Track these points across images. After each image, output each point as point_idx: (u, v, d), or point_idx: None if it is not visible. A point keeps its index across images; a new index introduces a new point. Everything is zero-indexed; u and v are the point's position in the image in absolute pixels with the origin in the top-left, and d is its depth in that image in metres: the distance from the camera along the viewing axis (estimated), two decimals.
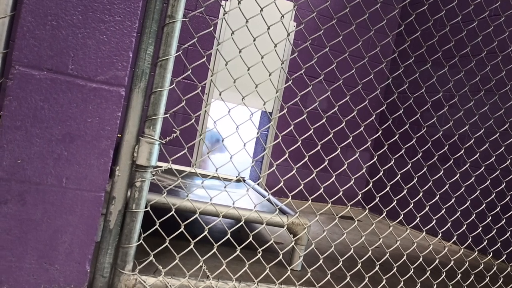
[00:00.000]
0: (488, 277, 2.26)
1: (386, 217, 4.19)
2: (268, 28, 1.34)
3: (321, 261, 1.59)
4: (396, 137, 1.58)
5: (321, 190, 1.42)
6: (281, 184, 1.32)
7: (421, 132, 1.64)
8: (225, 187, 1.29)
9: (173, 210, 1.39)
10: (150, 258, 1.35)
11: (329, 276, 1.59)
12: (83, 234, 1.21)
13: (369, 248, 2.15)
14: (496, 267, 2.72)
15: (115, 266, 1.31)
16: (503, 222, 2.23)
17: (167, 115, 1.26)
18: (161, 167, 3.08)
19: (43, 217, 1.17)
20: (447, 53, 4.06)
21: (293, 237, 2.04)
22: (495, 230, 2.11)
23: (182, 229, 1.38)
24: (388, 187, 1.57)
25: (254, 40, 1.29)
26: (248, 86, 4.26)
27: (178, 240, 2.18)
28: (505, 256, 3.21)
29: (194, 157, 4.11)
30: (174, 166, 3.13)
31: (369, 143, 1.49)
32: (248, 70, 1.27)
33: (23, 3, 1.10)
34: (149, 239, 2.09)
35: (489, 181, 2.53)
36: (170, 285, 1.36)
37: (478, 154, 1.82)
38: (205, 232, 1.37)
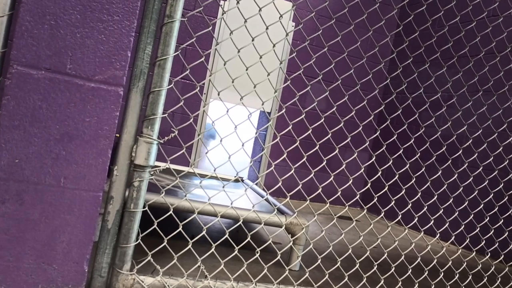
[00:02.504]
0: (486, 277, 2.27)
1: (384, 217, 4.20)
2: (267, 28, 1.34)
3: (319, 261, 1.59)
4: (395, 137, 1.58)
5: (320, 190, 1.42)
6: (280, 184, 1.32)
7: (420, 133, 1.64)
8: (223, 187, 1.29)
9: (171, 210, 1.39)
10: (148, 258, 1.35)
11: (327, 276, 1.59)
12: (81, 233, 1.21)
13: (367, 248, 2.15)
14: (494, 267, 2.73)
15: (113, 266, 1.31)
16: (501, 222, 2.24)
17: (166, 114, 1.26)
18: (159, 166, 3.08)
19: (41, 217, 1.17)
20: (445, 53, 4.07)
21: (291, 237, 2.04)
22: (493, 231, 2.11)
23: (180, 229, 1.38)
24: (386, 187, 1.58)
25: (253, 40, 1.29)
26: (247, 86, 4.26)
27: (176, 240, 2.18)
28: (503, 256, 3.22)
29: (192, 157, 4.11)
30: (172, 166, 3.13)
31: (367, 143, 1.49)
32: (247, 70, 1.27)
33: (21, 2, 1.10)
34: (147, 239, 2.08)
35: (487, 181, 2.54)
36: (168, 285, 1.36)
37: (476, 154, 1.82)
38: (203, 232, 1.37)
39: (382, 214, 1.49)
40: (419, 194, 1.67)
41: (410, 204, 1.67)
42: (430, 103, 4.15)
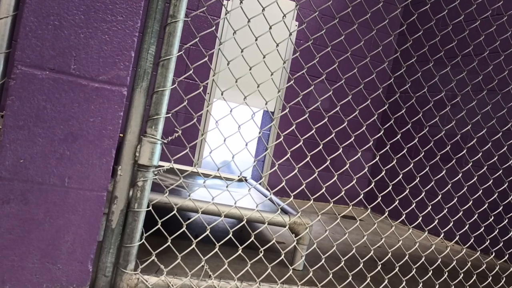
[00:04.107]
0: (491, 277, 2.26)
1: (388, 217, 4.18)
2: (270, 28, 1.34)
3: (323, 260, 1.58)
4: (398, 136, 1.58)
5: (323, 190, 1.42)
6: (283, 183, 1.32)
7: (423, 132, 1.64)
8: (227, 186, 1.29)
9: (175, 209, 1.39)
10: (152, 257, 1.36)
11: (331, 275, 1.59)
12: (85, 233, 1.22)
13: (371, 247, 2.15)
14: (498, 267, 2.72)
15: (117, 265, 1.31)
16: (505, 222, 2.23)
17: (169, 114, 1.26)
18: (163, 166, 3.09)
19: (45, 217, 1.17)
20: (449, 52, 4.06)
21: (295, 237, 2.04)
22: (497, 230, 2.10)
23: (184, 228, 1.38)
24: (390, 187, 1.57)
25: (256, 39, 1.29)
26: (250, 86, 4.26)
27: (180, 240, 2.18)
28: (507, 256, 3.21)
29: (196, 157, 4.12)
30: (176, 166, 3.13)
31: (371, 143, 1.49)
32: (250, 69, 1.27)
33: (25, 3, 1.11)
34: (151, 239, 2.09)
35: (492, 180, 2.53)
36: (172, 285, 1.36)
37: (481, 153, 1.81)
38: (207, 232, 1.37)
39: (386, 214, 1.49)
40: (423, 193, 1.67)
41: (414, 204, 1.66)
42: (434, 102, 4.14)
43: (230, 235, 1.46)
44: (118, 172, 1.28)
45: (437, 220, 1.88)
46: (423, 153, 1.67)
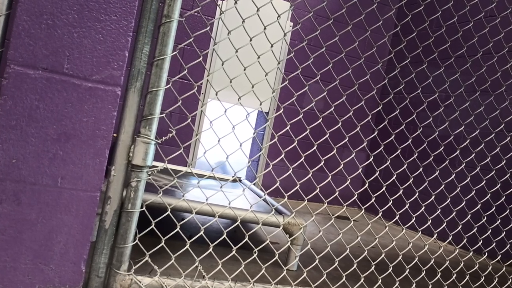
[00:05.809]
0: (483, 277, 2.27)
1: (382, 217, 4.20)
2: (265, 28, 1.34)
3: (317, 261, 1.59)
4: (392, 137, 1.58)
5: (317, 190, 1.42)
6: (277, 184, 1.32)
7: (417, 133, 1.65)
8: (221, 187, 1.29)
9: (169, 210, 1.39)
10: (145, 258, 1.35)
11: (325, 276, 1.59)
12: (78, 234, 1.21)
13: (365, 248, 2.16)
14: (491, 267, 2.74)
15: (111, 266, 1.30)
16: (498, 222, 2.24)
17: (163, 114, 1.26)
18: (157, 167, 3.08)
19: (38, 217, 1.16)
20: (443, 53, 4.08)
21: (289, 237, 2.04)
22: (490, 231, 2.12)
23: (178, 229, 1.37)
24: (384, 187, 1.58)
25: (251, 40, 1.29)
26: (245, 86, 4.25)
27: (173, 240, 2.18)
28: (500, 256, 3.23)
29: (190, 157, 4.11)
30: (170, 166, 3.12)
31: (365, 144, 1.50)
32: (245, 70, 1.27)
33: (18, 1, 1.10)
34: (144, 239, 2.08)
35: (485, 181, 2.54)
36: (165, 285, 1.36)
37: (474, 154, 1.82)
38: (201, 232, 1.37)
39: (379, 214, 1.50)
40: (417, 194, 1.68)
41: (408, 204, 1.67)
42: (427, 103, 4.16)
43: (224, 236, 1.46)
44: (111, 172, 1.27)
45: (430, 221, 1.89)
46: (416, 153, 1.67)
